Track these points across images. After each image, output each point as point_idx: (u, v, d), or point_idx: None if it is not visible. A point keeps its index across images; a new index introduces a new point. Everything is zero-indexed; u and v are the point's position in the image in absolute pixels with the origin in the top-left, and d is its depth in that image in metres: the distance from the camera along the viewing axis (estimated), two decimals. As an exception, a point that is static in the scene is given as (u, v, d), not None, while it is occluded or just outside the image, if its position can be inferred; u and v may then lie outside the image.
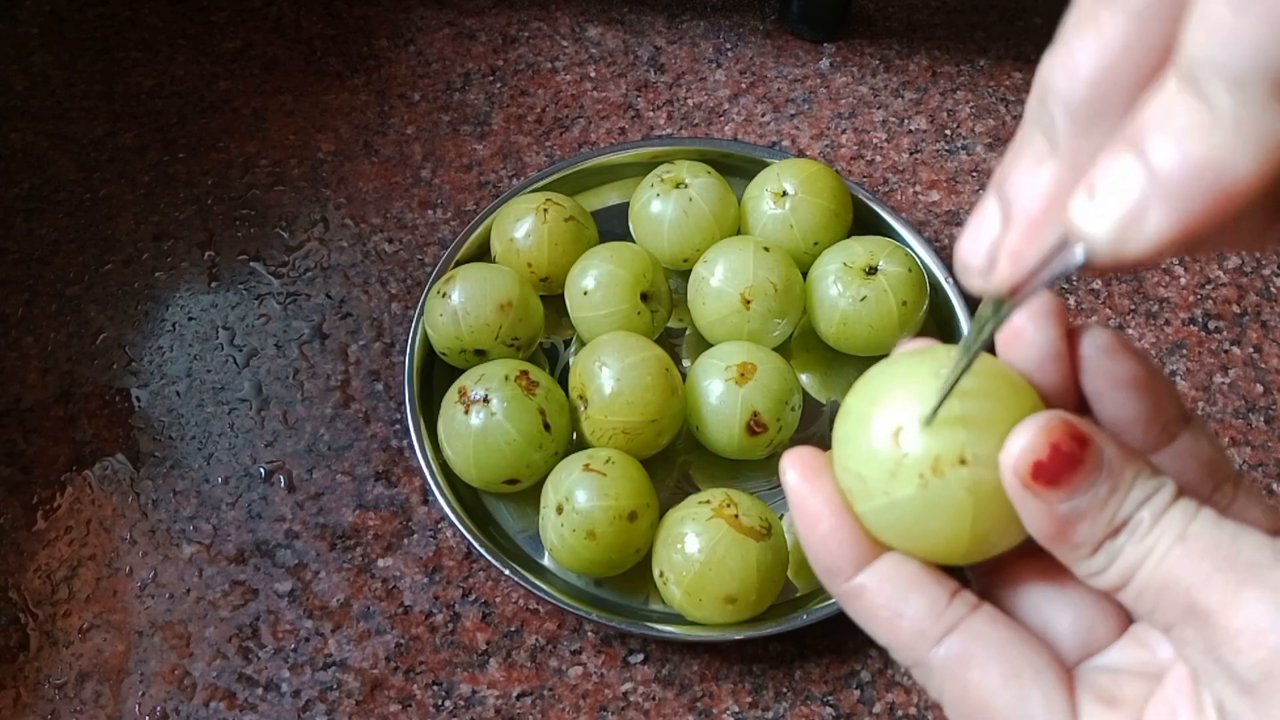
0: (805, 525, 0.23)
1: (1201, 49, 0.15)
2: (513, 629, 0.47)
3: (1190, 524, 0.20)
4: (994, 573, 0.24)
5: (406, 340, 0.51)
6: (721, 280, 0.49)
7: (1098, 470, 0.20)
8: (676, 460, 0.50)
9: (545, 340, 0.53)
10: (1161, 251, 0.17)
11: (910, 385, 0.22)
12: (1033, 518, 0.21)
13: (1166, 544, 0.20)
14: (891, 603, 0.23)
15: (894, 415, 0.22)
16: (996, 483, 0.21)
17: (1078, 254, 0.18)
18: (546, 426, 0.46)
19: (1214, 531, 0.20)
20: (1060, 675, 0.22)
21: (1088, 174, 0.18)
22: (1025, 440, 0.20)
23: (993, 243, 0.20)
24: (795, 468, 0.24)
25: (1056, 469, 0.20)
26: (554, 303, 0.52)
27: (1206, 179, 0.16)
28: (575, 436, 0.49)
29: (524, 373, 0.47)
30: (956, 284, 0.52)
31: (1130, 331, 0.54)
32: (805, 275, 0.51)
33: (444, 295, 0.49)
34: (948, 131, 0.61)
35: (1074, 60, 0.18)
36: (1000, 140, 0.60)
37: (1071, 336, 0.23)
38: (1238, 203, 0.16)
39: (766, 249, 0.49)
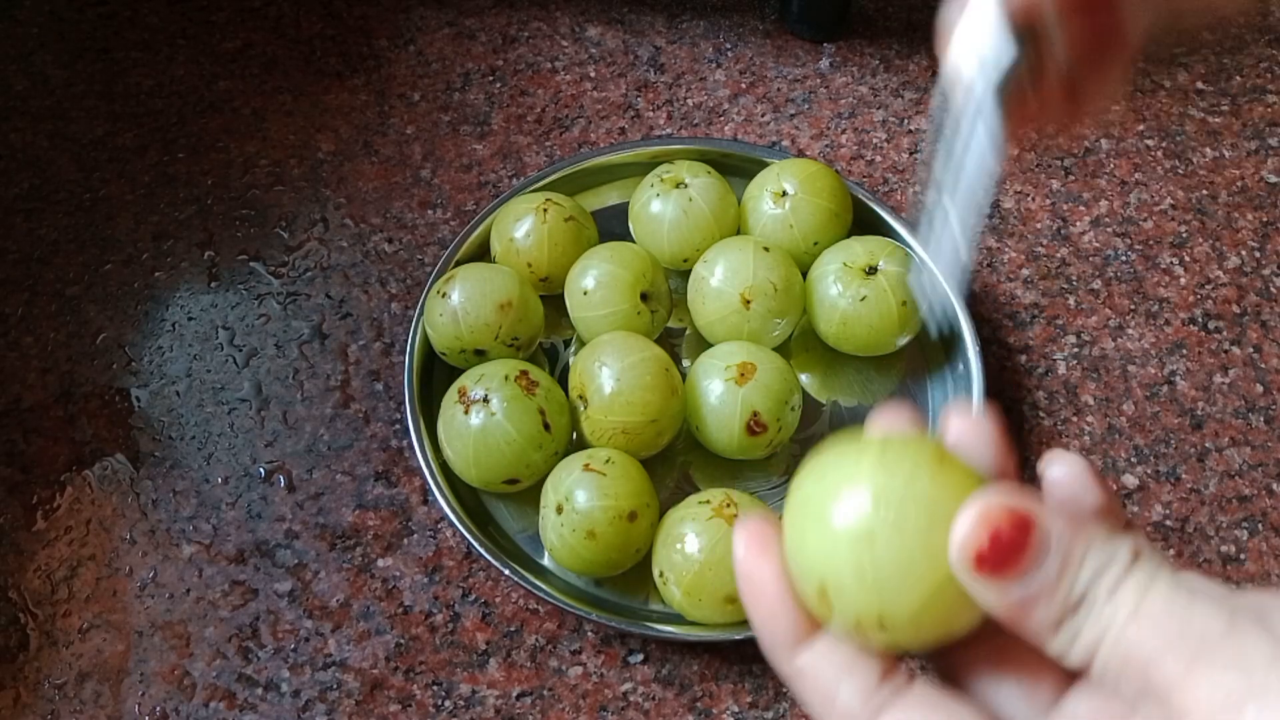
0: (751, 600, 0.23)
1: None
2: (513, 629, 0.47)
3: (1145, 594, 0.19)
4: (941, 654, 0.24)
5: (406, 340, 0.51)
6: (721, 280, 0.49)
7: (1044, 551, 0.20)
8: (676, 460, 0.50)
9: (545, 340, 0.53)
10: None
11: (869, 482, 0.22)
12: (988, 603, 0.20)
13: (1123, 618, 0.19)
14: (825, 687, 0.22)
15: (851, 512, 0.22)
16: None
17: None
18: (546, 426, 0.46)
19: (1168, 603, 0.19)
20: None
21: None
22: (964, 530, 0.20)
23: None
24: (744, 541, 0.23)
25: (1000, 557, 0.20)
26: (554, 303, 0.52)
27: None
28: (575, 436, 0.49)
29: (524, 373, 0.47)
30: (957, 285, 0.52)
31: (1130, 331, 0.54)
32: (805, 275, 0.51)
33: (444, 295, 0.49)
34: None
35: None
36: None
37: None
38: None
39: (766, 249, 0.49)
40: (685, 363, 0.53)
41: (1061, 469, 0.23)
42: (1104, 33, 0.26)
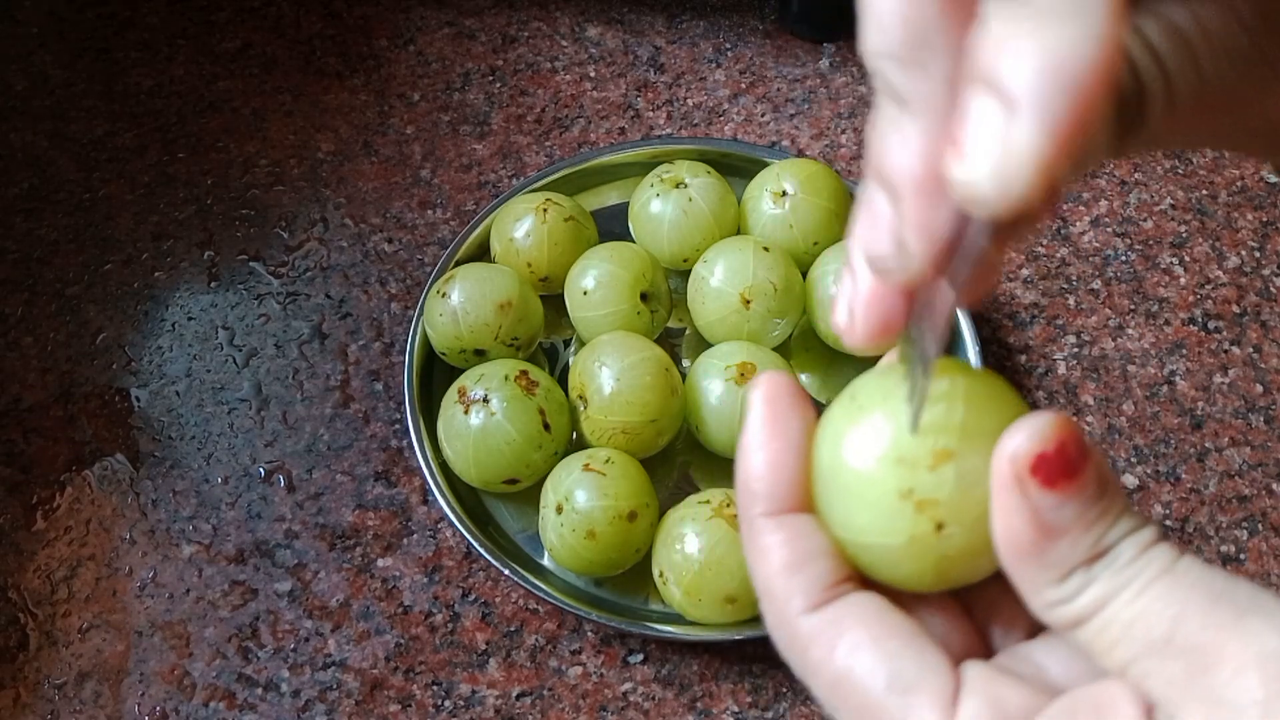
0: (751, 446, 0.22)
1: None
2: (512, 629, 0.47)
3: (1177, 561, 0.19)
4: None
5: (406, 340, 0.51)
6: (721, 280, 0.49)
7: (1095, 486, 0.19)
8: (676, 460, 0.50)
9: (545, 340, 0.53)
10: (1051, 179, 0.16)
11: (890, 404, 0.22)
12: (1013, 522, 0.19)
13: (1149, 576, 0.19)
14: (786, 564, 0.21)
15: (874, 436, 0.21)
16: (973, 514, 0.20)
17: (978, 215, 0.17)
18: (546, 426, 0.46)
19: (1203, 570, 0.19)
20: (945, 657, 0.21)
21: (951, 131, 0.17)
22: (1032, 431, 0.19)
23: (891, 226, 0.19)
24: (765, 396, 0.22)
25: (1058, 468, 0.19)
26: (554, 303, 0.52)
27: (1062, 79, 0.15)
28: (575, 436, 0.49)
29: (524, 373, 0.47)
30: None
31: (1130, 331, 0.54)
32: (805, 275, 0.51)
33: (444, 295, 0.49)
34: (947, 131, 0.61)
35: (878, 11, 0.17)
36: (1000, 140, 0.60)
37: None
38: (1100, 91, 0.15)
39: (766, 249, 0.49)
40: (685, 363, 0.53)
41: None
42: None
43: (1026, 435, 0.19)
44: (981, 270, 0.19)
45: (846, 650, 0.20)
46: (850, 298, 0.21)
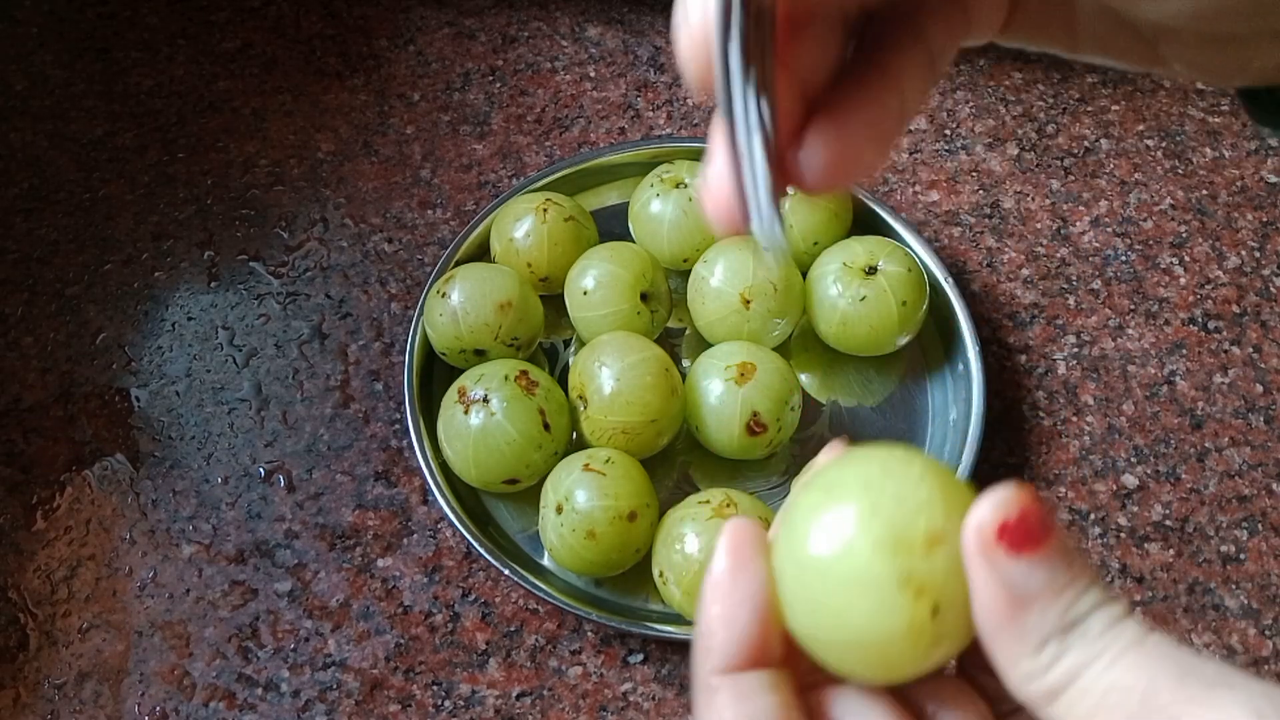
0: (709, 599, 0.23)
1: None
2: (512, 629, 0.47)
3: (1147, 636, 0.19)
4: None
5: (406, 340, 0.51)
6: (721, 280, 0.49)
7: (1060, 553, 0.20)
8: (676, 460, 0.50)
9: (545, 340, 0.53)
10: None
11: (872, 494, 0.22)
12: (987, 593, 0.20)
13: (1120, 647, 0.19)
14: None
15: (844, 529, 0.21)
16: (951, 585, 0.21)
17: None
18: (546, 426, 0.46)
19: (1171, 647, 0.19)
20: None
21: None
22: (994, 501, 0.20)
23: None
24: (729, 545, 0.23)
25: (1021, 534, 0.20)
26: (554, 303, 0.52)
27: None
28: (575, 436, 0.49)
29: (524, 373, 0.47)
30: (956, 283, 0.52)
31: (1130, 331, 0.54)
32: (805, 275, 0.51)
33: (444, 295, 0.49)
34: (947, 131, 0.61)
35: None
36: (1000, 140, 0.60)
37: None
38: None
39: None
40: (685, 363, 0.53)
41: None
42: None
43: (989, 505, 0.20)
44: (784, 71, 0.20)
45: None
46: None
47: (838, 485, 0.22)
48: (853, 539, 0.21)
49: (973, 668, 0.24)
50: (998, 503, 0.20)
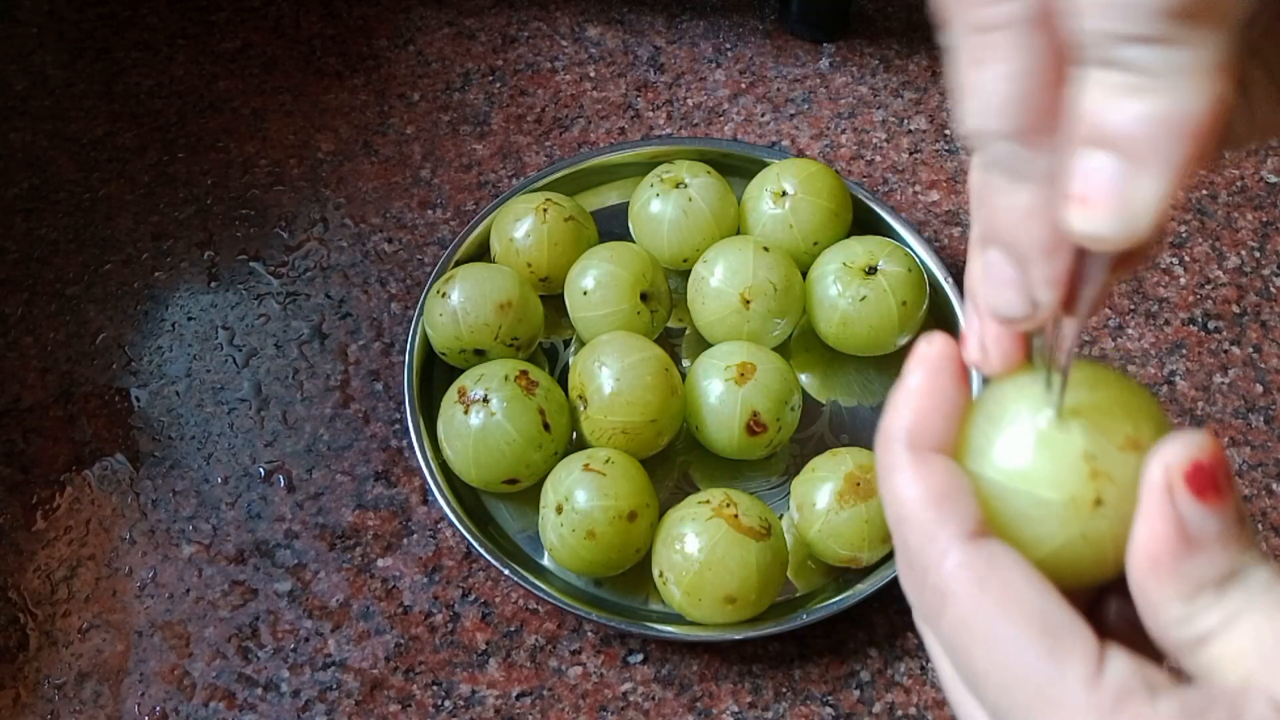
0: (907, 390, 0.23)
1: (1096, 25, 0.16)
2: (512, 629, 0.47)
3: None
4: None
5: (406, 340, 0.51)
6: (721, 280, 0.49)
7: (1236, 510, 0.20)
8: (676, 460, 0.50)
9: (545, 340, 0.53)
10: (1165, 211, 0.17)
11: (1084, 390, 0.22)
12: (1158, 527, 0.20)
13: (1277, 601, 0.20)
14: (939, 493, 0.22)
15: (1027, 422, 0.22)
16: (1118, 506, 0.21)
17: (1101, 255, 0.19)
18: (546, 426, 0.46)
19: None
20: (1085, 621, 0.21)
21: (1065, 188, 0.18)
22: (1189, 441, 0.20)
23: (1017, 284, 0.21)
24: (930, 354, 0.24)
25: (1210, 481, 0.20)
26: (554, 303, 0.52)
27: (1177, 133, 0.17)
28: (575, 436, 0.49)
29: (524, 373, 0.47)
30: (956, 283, 0.52)
31: (1130, 331, 0.54)
32: (805, 275, 0.51)
33: (443, 295, 0.49)
34: (947, 131, 0.61)
35: (987, 95, 0.19)
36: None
37: None
38: (1209, 130, 0.17)
39: (766, 249, 0.49)
40: (685, 363, 0.53)
41: None
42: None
43: (1184, 444, 0.20)
44: (1100, 292, 0.21)
45: (1000, 585, 0.20)
46: (980, 335, 0.23)
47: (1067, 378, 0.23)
48: (1063, 411, 0.22)
49: None
50: (1192, 444, 0.20)
